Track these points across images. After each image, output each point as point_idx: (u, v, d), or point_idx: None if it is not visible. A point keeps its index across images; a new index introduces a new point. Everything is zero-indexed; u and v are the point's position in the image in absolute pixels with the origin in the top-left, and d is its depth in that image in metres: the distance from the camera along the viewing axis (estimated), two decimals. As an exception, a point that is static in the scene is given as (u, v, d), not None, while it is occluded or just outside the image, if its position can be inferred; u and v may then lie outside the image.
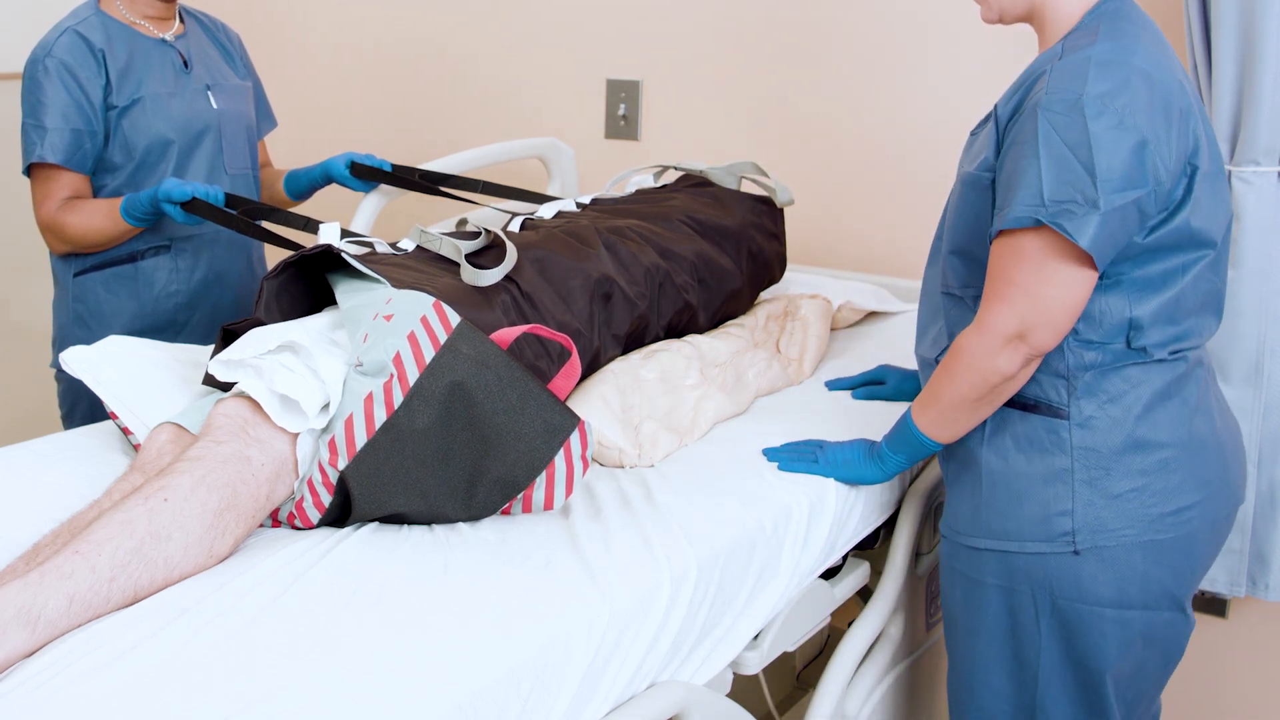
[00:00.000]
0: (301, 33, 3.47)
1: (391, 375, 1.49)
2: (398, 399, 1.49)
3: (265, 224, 2.18)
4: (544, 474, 1.54)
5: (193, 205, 2.10)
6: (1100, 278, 1.55)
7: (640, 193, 2.33)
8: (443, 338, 1.51)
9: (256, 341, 1.58)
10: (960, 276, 1.67)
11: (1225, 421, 1.68)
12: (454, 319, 1.53)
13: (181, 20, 2.42)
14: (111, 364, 1.76)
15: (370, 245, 1.84)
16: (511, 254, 1.79)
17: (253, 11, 3.40)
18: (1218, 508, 1.63)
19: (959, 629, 1.74)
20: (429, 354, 1.50)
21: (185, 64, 2.36)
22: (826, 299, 2.29)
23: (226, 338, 1.71)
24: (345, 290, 1.68)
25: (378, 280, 1.65)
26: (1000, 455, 1.64)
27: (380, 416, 1.49)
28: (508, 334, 1.59)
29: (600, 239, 1.96)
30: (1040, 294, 1.50)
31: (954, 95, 2.54)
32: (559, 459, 1.54)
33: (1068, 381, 1.59)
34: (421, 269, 1.76)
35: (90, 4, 2.32)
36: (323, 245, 1.72)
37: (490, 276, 1.74)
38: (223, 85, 2.42)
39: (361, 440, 1.49)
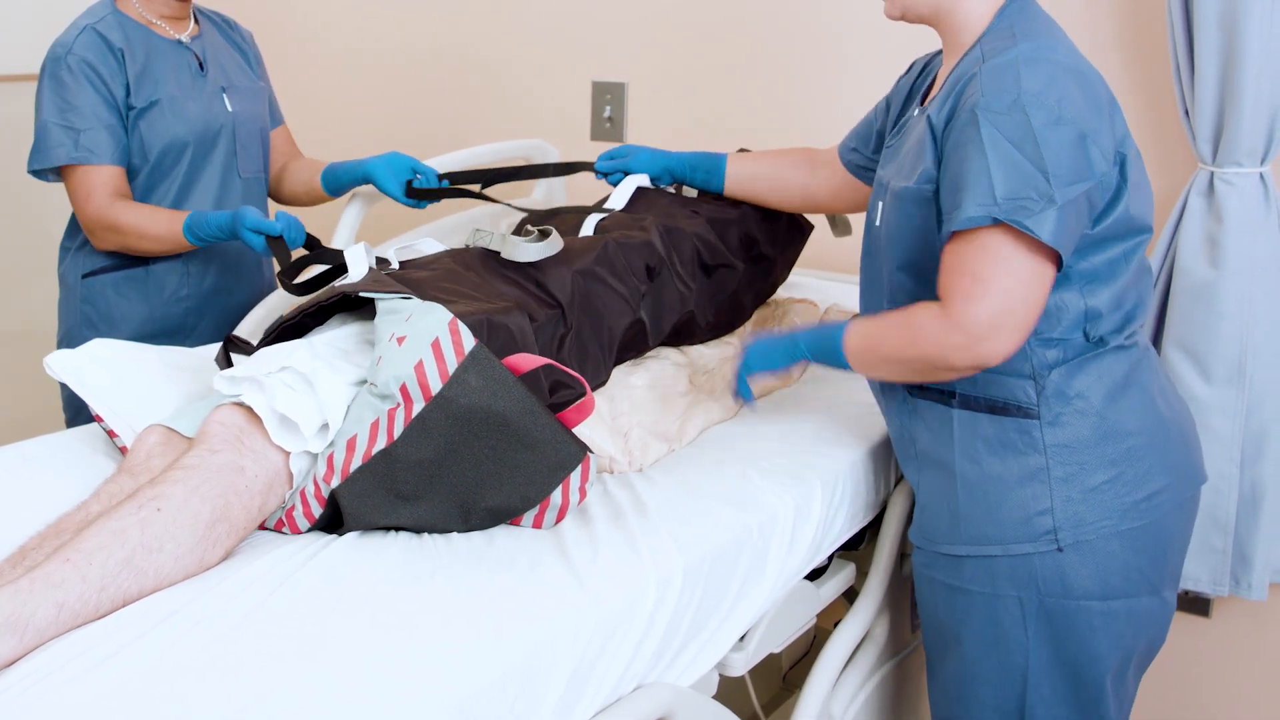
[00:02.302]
0: (291, 35, 3.47)
1: (397, 405, 1.49)
2: (399, 429, 1.48)
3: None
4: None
5: (276, 243, 2.01)
6: None
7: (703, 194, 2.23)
8: (453, 365, 1.48)
9: (263, 360, 1.58)
10: (909, 292, 1.67)
11: (1179, 403, 1.71)
12: (468, 343, 1.50)
13: (196, 21, 2.40)
14: (96, 367, 1.75)
15: (415, 252, 1.84)
16: (555, 240, 1.77)
17: (246, 15, 3.39)
18: (1184, 489, 1.66)
19: (942, 640, 1.74)
20: (436, 385, 1.47)
21: (201, 66, 2.35)
22: (814, 303, 2.29)
23: (229, 347, 1.71)
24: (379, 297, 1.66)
25: (404, 295, 1.61)
26: (974, 461, 1.65)
27: (381, 443, 1.48)
28: (525, 361, 1.54)
29: (651, 272, 1.91)
30: (1009, 289, 1.50)
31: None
32: (556, 490, 1.53)
33: (1035, 382, 1.61)
34: (474, 274, 1.76)
35: (106, 3, 2.30)
36: (340, 291, 1.67)
37: (533, 251, 1.72)
38: (238, 87, 2.41)
39: (359, 463, 1.49)
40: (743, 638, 1.66)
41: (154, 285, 2.33)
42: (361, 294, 1.64)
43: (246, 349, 1.72)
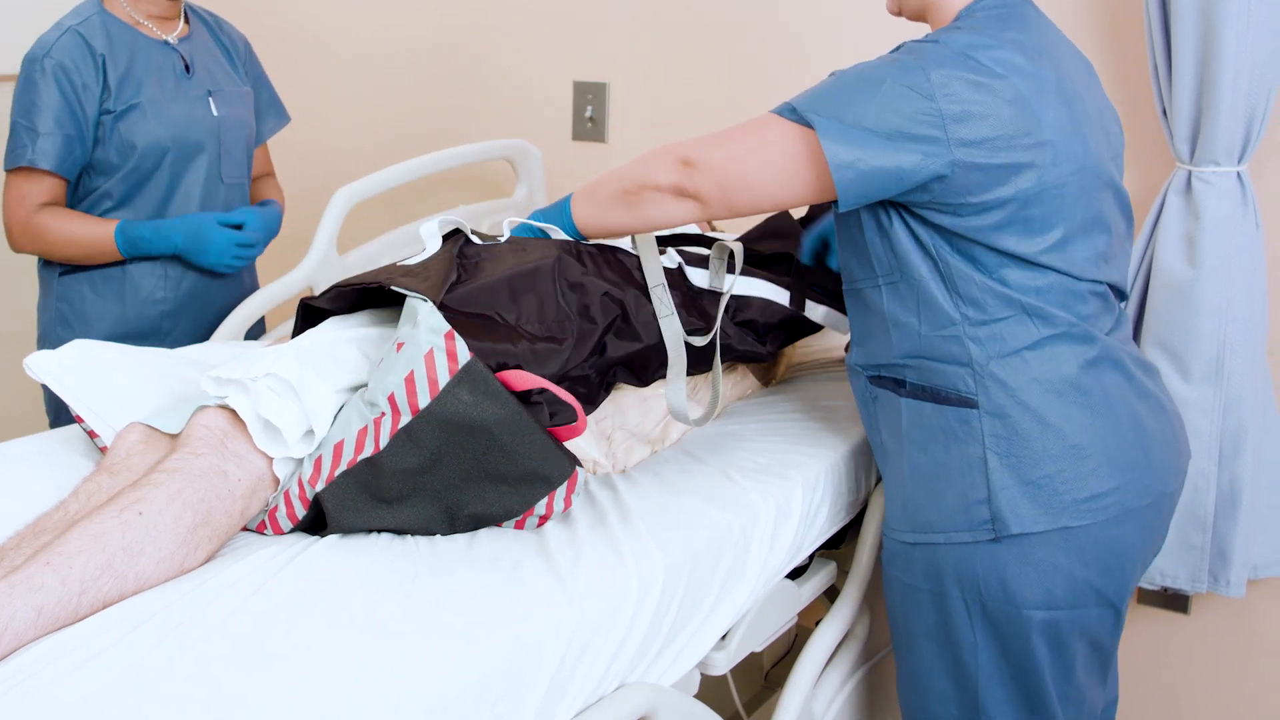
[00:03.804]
0: (275, 36, 3.45)
1: (383, 414, 1.48)
2: (385, 439, 1.48)
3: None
4: None
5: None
6: (959, 258, 1.59)
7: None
8: (444, 378, 1.46)
9: (250, 363, 1.57)
10: (850, 271, 1.72)
11: (1156, 410, 1.68)
12: (463, 356, 1.47)
13: (186, 20, 2.38)
14: (76, 367, 1.74)
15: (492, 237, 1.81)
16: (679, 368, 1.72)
17: (227, 14, 3.38)
18: (1138, 495, 1.63)
19: (901, 634, 1.76)
20: (424, 399, 1.46)
21: (187, 68, 2.33)
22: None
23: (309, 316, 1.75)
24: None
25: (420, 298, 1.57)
26: (920, 449, 1.66)
27: (369, 451, 1.48)
28: (521, 380, 1.51)
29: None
30: (743, 159, 1.58)
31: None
32: (541, 501, 1.53)
33: (972, 370, 1.61)
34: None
35: (93, 1, 2.28)
36: (366, 281, 1.66)
37: (687, 412, 1.71)
38: (224, 92, 2.38)
39: (344, 469, 1.49)
40: (724, 637, 1.67)
41: (130, 286, 2.31)
42: (393, 288, 1.61)
43: (323, 312, 1.72)
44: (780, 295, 1.92)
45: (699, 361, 1.82)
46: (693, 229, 2.17)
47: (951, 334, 1.61)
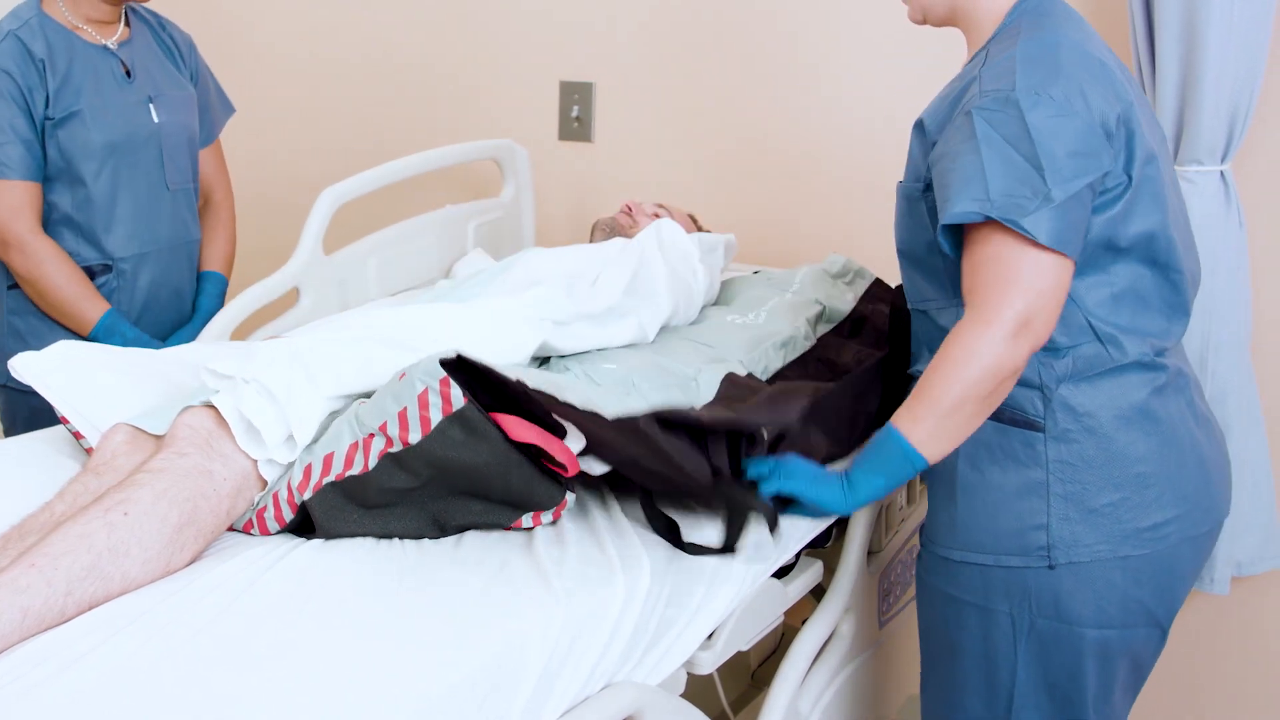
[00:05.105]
0: (263, 35, 3.45)
1: (372, 435, 1.48)
2: (374, 460, 1.48)
3: None
4: None
5: None
6: None
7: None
8: (436, 418, 1.44)
9: (247, 360, 1.57)
10: (918, 290, 1.66)
11: (1210, 436, 1.65)
12: (458, 401, 1.44)
13: (127, 23, 2.34)
14: (62, 369, 1.74)
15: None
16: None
17: (214, 13, 3.37)
18: (1197, 523, 1.60)
19: (935, 646, 1.73)
20: (415, 435, 1.45)
21: (128, 73, 2.29)
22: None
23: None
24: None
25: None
26: (976, 468, 1.62)
27: (357, 468, 1.48)
28: (520, 430, 1.46)
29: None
30: (1032, 281, 1.43)
31: (901, 99, 2.56)
32: (528, 515, 1.53)
33: (1042, 394, 1.56)
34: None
35: (31, 3, 2.24)
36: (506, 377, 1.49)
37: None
38: (165, 96, 2.35)
39: (331, 480, 1.49)
40: (711, 636, 1.67)
41: None
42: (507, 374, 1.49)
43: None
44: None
45: None
46: None
47: None
